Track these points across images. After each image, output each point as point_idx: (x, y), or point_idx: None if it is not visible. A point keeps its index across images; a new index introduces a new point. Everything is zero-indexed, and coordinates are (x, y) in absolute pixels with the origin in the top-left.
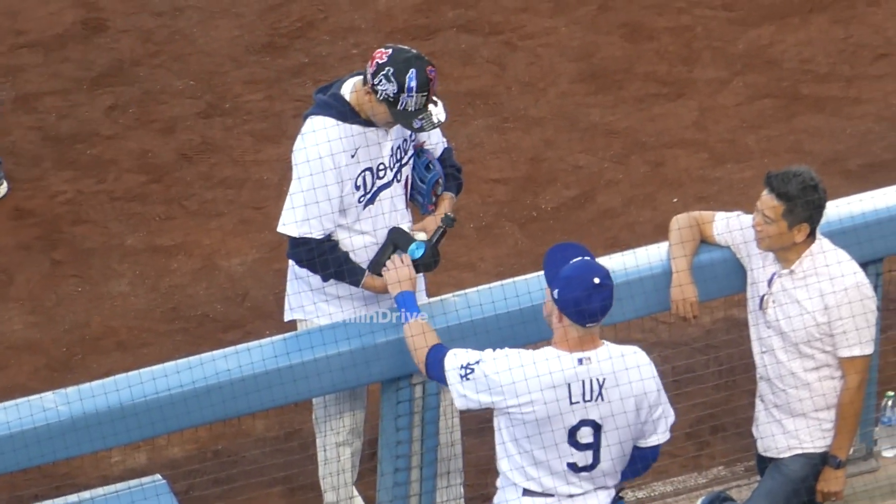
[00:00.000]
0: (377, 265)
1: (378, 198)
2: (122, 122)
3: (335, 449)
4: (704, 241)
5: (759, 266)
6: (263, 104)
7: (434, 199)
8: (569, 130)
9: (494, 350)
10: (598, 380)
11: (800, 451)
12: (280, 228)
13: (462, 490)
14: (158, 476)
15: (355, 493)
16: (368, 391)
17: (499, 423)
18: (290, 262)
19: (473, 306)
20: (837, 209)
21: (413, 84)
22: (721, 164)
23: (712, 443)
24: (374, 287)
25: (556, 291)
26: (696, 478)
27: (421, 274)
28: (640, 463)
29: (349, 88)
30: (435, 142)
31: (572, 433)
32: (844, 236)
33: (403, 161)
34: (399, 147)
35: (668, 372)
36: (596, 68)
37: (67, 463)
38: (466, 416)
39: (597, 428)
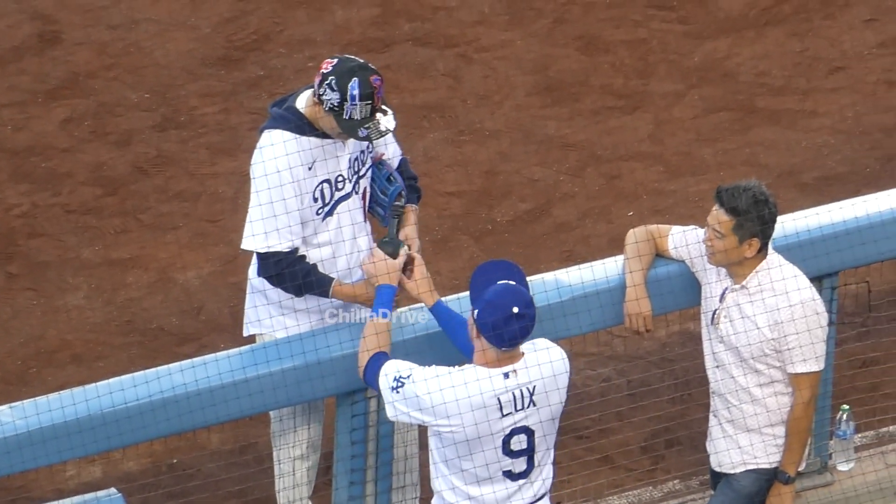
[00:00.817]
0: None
1: (336, 210)
2: (77, 135)
3: (291, 463)
4: (660, 255)
5: (713, 280)
6: (219, 117)
7: (393, 211)
8: (524, 143)
9: (425, 368)
10: (527, 388)
11: (752, 467)
12: (244, 245)
13: None
14: (114, 490)
15: None
16: (326, 405)
17: (431, 442)
18: (250, 276)
19: (430, 319)
20: (794, 223)
21: (356, 93)
22: (676, 177)
23: (667, 457)
24: (343, 295)
25: (475, 312)
26: (652, 492)
27: None
28: None
29: (304, 101)
30: (392, 154)
31: (506, 442)
32: (800, 250)
33: (361, 173)
34: (357, 159)
35: (623, 385)
36: (551, 81)
37: (23, 476)
38: (423, 429)
39: (530, 433)
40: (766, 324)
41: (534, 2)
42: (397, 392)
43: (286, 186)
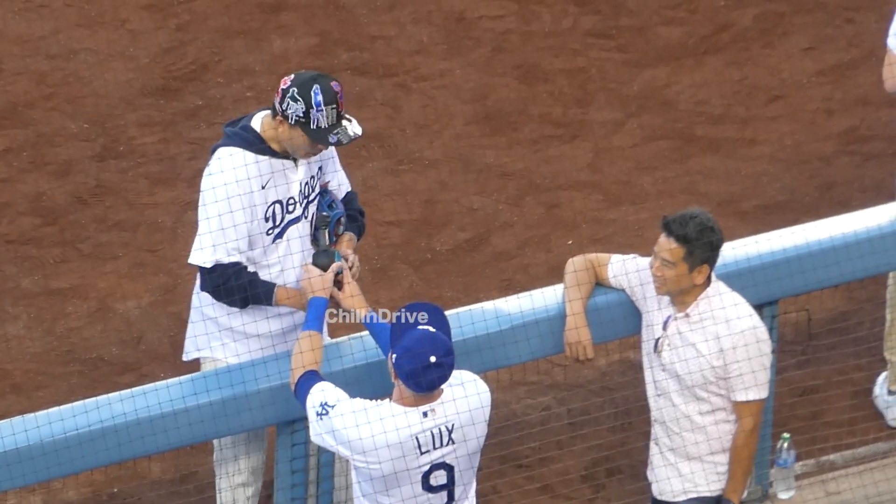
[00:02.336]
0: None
1: (286, 233)
2: (16, 165)
3: (233, 491)
4: (600, 284)
5: (655, 308)
6: (158, 147)
7: (335, 238)
8: (463, 172)
9: (351, 401)
10: (446, 427)
11: (694, 495)
12: (191, 260)
13: None
14: None
15: None
16: (267, 432)
17: (353, 475)
18: (195, 298)
19: (369, 349)
20: (733, 251)
21: (320, 98)
22: (616, 205)
23: (608, 485)
24: (288, 300)
25: (393, 357)
26: None
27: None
28: None
29: (259, 122)
30: (339, 183)
31: (425, 478)
32: (740, 278)
33: (311, 198)
34: (307, 184)
35: (563, 414)
36: (490, 110)
37: None
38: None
39: (449, 468)
40: (709, 351)
41: (472, 31)
42: (321, 419)
43: (234, 201)
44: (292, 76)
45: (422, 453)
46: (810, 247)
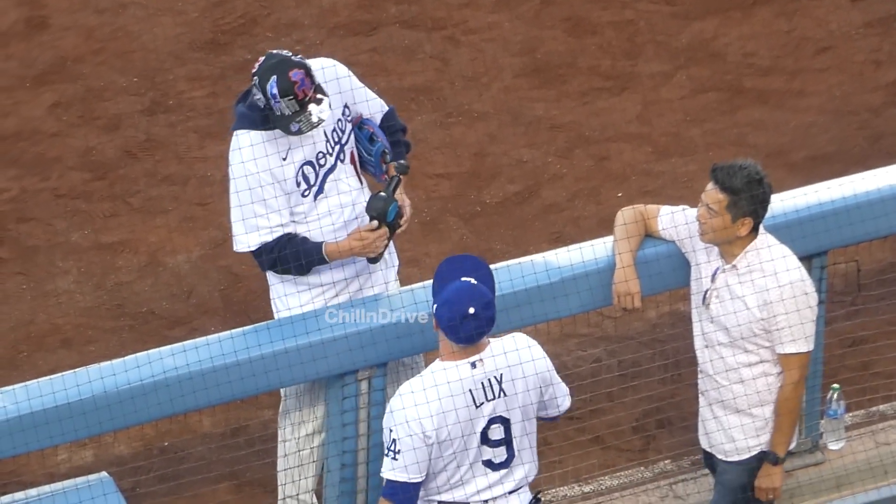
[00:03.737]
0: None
1: (326, 186)
2: (65, 120)
3: (297, 442)
4: (650, 236)
5: (704, 261)
6: (207, 101)
7: (384, 168)
8: (512, 125)
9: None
10: (495, 377)
11: (735, 459)
12: (236, 248)
13: None
14: (105, 473)
15: (310, 486)
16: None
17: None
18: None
19: (419, 302)
20: (782, 202)
21: (275, 91)
22: (665, 157)
23: (658, 437)
24: (340, 253)
25: (434, 307)
26: (643, 472)
27: (395, 265)
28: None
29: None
30: (373, 110)
31: (484, 433)
32: (789, 229)
33: (343, 141)
34: (334, 130)
35: (613, 366)
36: (539, 63)
37: (13, 461)
38: None
39: (505, 422)
40: (755, 304)
41: None
42: (395, 456)
43: (259, 181)
44: (260, 60)
45: (477, 406)
46: (859, 198)
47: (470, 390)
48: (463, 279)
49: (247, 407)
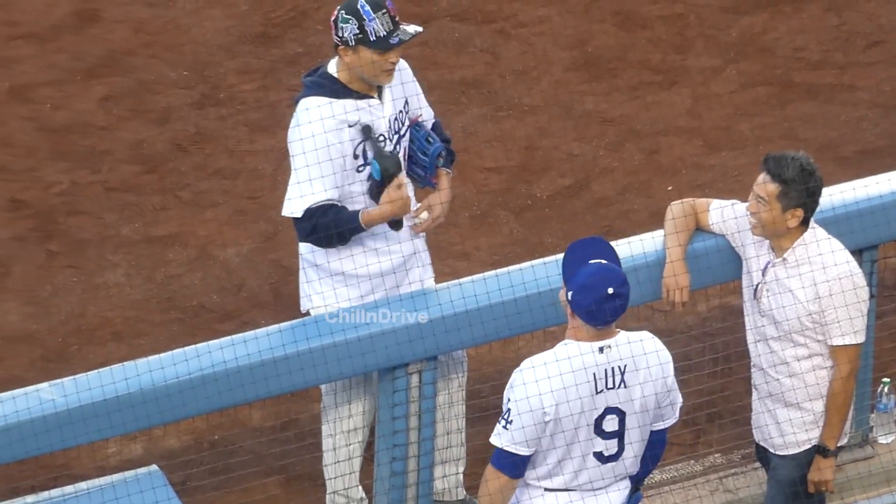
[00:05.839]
0: (377, 194)
1: None
2: (116, 113)
3: (334, 438)
4: (700, 229)
5: (754, 255)
6: (258, 94)
7: (435, 171)
8: (563, 119)
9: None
10: (619, 367)
11: (788, 453)
12: (284, 212)
13: (462, 479)
14: (155, 467)
15: (357, 481)
16: (376, 378)
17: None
18: (301, 248)
19: (468, 296)
20: (831, 197)
21: (368, 8)
22: (715, 151)
23: (709, 430)
24: (374, 219)
25: (570, 294)
26: (693, 465)
27: (428, 263)
28: (659, 447)
29: (334, 66)
30: (427, 117)
31: (598, 422)
32: (838, 224)
33: (402, 133)
34: (396, 119)
35: None
36: (589, 56)
37: (64, 454)
38: (468, 403)
39: (621, 415)
40: (806, 297)
41: None
42: (507, 425)
43: (321, 151)
44: (339, 7)
45: (597, 392)
46: None
47: (594, 374)
48: (592, 261)
49: (297, 400)
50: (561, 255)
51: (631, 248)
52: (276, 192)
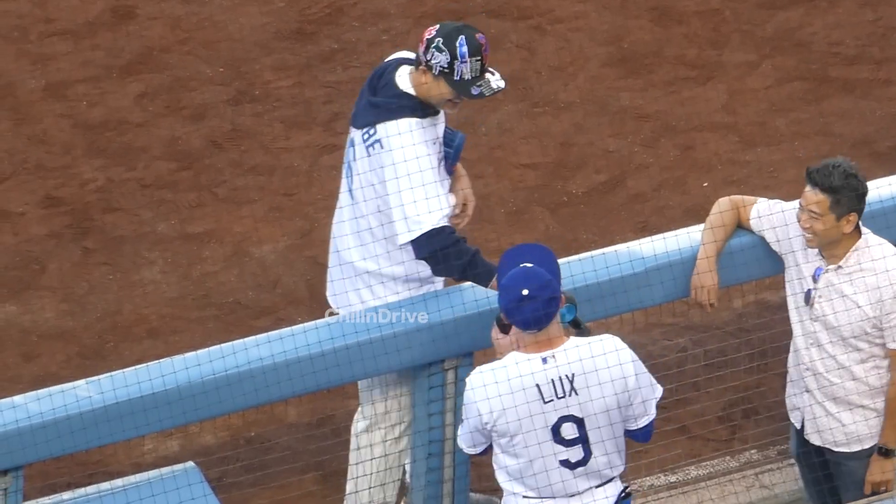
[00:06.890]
0: None
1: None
2: (151, 110)
3: (369, 435)
4: (740, 226)
5: (803, 262)
6: (293, 91)
7: (458, 160)
8: (599, 115)
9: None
10: (566, 375)
11: (852, 450)
12: (409, 235)
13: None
14: (191, 463)
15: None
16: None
17: (495, 461)
18: (334, 251)
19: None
20: (869, 192)
21: (465, 49)
22: (751, 147)
23: (744, 426)
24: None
25: (497, 297)
26: (729, 461)
27: None
28: (642, 438)
29: (406, 82)
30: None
31: (555, 431)
32: (875, 219)
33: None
34: (446, 127)
35: (699, 355)
36: (625, 52)
37: (100, 451)
38: None
39: (578, 422)
40: (867, 302)
41: None
42: (461, 424)
43: (431, 169)
44: (437, 26)
45: (545, 402)
46: None
47: (538, 385)
48: (521, 265)
49: (332, 397)
50: (595, 251)
51: (666, 243)
52: (312, 188)
